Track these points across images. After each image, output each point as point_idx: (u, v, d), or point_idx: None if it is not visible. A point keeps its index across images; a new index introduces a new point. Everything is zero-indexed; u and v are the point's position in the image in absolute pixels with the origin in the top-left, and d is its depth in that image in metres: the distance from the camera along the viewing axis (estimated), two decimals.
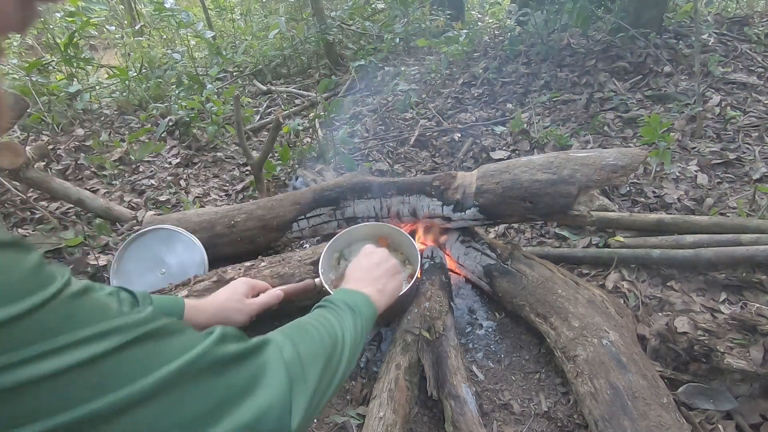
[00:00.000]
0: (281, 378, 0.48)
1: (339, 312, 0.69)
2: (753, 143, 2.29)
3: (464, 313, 1.54)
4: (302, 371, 0.52)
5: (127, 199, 2.38)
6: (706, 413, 1.12)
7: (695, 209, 1.90)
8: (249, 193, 2.49)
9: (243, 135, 2.26)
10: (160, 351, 0.40)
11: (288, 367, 0.50)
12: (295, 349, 0.53)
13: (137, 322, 0.40)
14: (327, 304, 0.71)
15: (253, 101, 3.86)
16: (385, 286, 0.86)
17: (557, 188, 1.31)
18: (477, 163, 2.58)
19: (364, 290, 0.79)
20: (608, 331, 1.18)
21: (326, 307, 0.71)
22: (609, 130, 2.61)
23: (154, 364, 0.39)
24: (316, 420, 1.21)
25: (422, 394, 1.21)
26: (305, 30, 4.41)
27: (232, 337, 0.48)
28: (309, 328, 0.60)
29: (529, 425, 1.19)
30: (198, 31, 3.52)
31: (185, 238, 1.55)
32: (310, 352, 0.55)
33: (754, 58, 2.99)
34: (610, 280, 1.59)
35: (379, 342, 1.43)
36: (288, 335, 0.56)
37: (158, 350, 0.40)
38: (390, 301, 0.86)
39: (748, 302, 1.41)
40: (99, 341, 0.36)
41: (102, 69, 4.23)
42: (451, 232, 1.63)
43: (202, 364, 0.42)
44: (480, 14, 5.43)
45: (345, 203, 1.63)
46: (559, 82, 3.18)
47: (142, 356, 0.39)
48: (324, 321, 0.64)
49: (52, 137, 2.89)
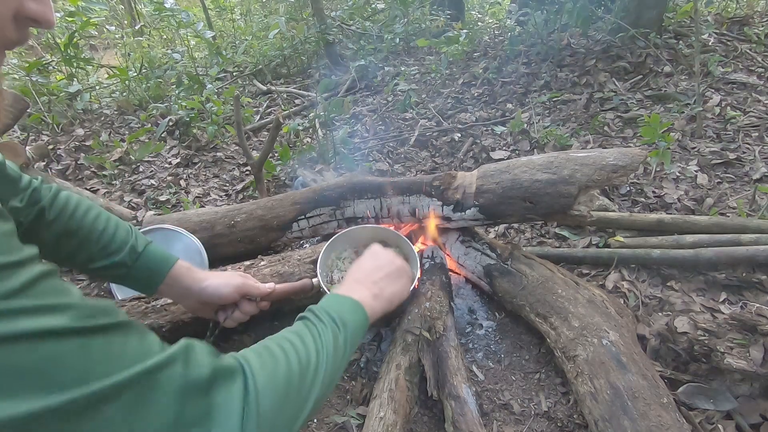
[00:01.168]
0: (234, 422, 0.44)
1: (319, 328, 0.64)
2: (753, 143, 2.29)
3: (464, 313, 1.54)
4: (257, 410, 0.47)
5: (127, 199, 2.38)
6: (706, 413, 1.12)
7: (695, 209, 1.90)
8: (249, 193, 2.49)
9: (243, 135, 2.26)
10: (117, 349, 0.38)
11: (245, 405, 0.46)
12: (254, 381, 0.49)
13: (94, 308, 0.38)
14: (309, 316, 0.68)
15: (253, 101, 3.86)
16: (383, 291, 0.83)
17: (557, 188, 1.31)
18: (477, 163, 2.58)
19: (356, 295, 0.76)
20: (608, 331, 1.18)
21: (307, 319, 0.67)
22: (609, 130, 2.61)
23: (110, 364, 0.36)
24: (315, 420, 1.21)
25: (422, 395, 1.21)
26: (305, 30, 4.41)
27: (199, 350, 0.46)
28: (276, 351, 0.56)
29: (529, 425, 1.19)
30: (198, 31, 3.52)
31: (185, 238, 1.55)
32: (272, 381, 0.51)
33: (754, 58, 2.99)
34: (610, 280, 1.59)
35: (379, 342, 1.43)
36: (248, 360, 0.51)
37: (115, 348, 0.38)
38: (388, 306, 0.83)
39: (748, 302, 1.41)
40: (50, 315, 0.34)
41: (102, 69, 4.23)
42: (451, 232, 1.63)
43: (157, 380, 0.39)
44: (480, 14, 5.43)
45: (345, 203, 1.63)
46: (559, 82, 3.18)
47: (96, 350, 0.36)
48: (296, 342, 0.60)
49: (52, 137, 2.89)
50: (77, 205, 0.83)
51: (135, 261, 0.84)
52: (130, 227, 0.88)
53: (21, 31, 0.43)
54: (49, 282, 0.38)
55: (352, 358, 1.35)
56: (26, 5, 0.42)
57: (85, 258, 0.82)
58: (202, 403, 0.42)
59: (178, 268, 0.88)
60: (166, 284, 0.86)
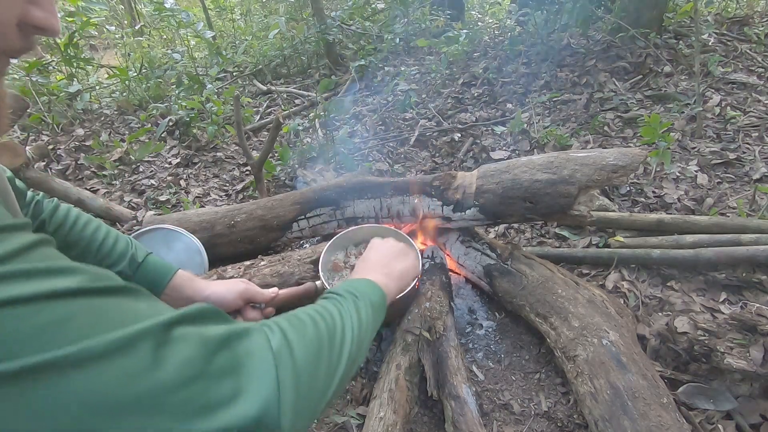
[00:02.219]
0: (267, 368, 0.42)
1: (339, 300, 0.64)
2: (753, 143, 2.29)
3: (464, 313, 1.54)
4: (292, 361, 0.45)
5: (127, 199, 2.38)
6: (706, 413, 1.12)
7: (695, 209, 1.90)
8: (249, 193, 2.49)
9: (243, 135, 2.26)
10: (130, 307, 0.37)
11: (276, 356, 0.44)
12: (284, 336, 0.47)
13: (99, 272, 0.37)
14: (328, 296, 0.67)
15: (253, 101, 3.86)
16: (393, 270, 0.84)
17: (557, 188, 1.31)
18: (477, 163, 2.58)
19: (369, 276, 0.76)
20: (608, 331, 1.18)
21: (327, 298, 0.66)
22: (609, 130, 2.61)
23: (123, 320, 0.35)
24: (316, 420, 1.21)
25: (422, 395, 1.21)
26: (305, 30, 4.41)
27: (213, 315, 0.44)
28: (301, 316, 0.55)
29: (529, 425, 1.19)
30: (198, 31, 3.52)
31: (185, 238, 1.55)
32: (302, 338, 0.49)
33: (754, 58, 2.99)
34: (610, 280, 1.59)
35: (379, 342, 1.43)
36: (276, 322, 0.50)
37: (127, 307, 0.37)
38: (401, 284, 0.83)
39: (748, 302, 1.41)
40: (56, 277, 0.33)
41: (102, 69, 4.24)
42: (451, 232, 1.63)
43: (172, 334, 0.37)
44: (480, 14, 5.42)
45: (345, 203, 1.63)
46: (559, 82, 3.18)
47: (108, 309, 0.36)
48: (320, 309, 0.59)
49: (52, 137, 2.89)
50: (77, 218, 0.83)
51: (135, 271, 0.84)
52: (130, 239, 0.88)
53: (26, 38, 0.43)
54: (48, 249, 0.37)
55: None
56: (30, 12, 0.42)
57: None
58: (227, 354, 0.40)
59: (179, 277, 0.87)
60: (167, 295, 0.86)
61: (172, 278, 0.86)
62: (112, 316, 0.35)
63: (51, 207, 0.81)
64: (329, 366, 0.52)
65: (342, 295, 0.66)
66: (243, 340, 0.43)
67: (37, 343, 0.30)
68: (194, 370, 0.37)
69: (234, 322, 0.46)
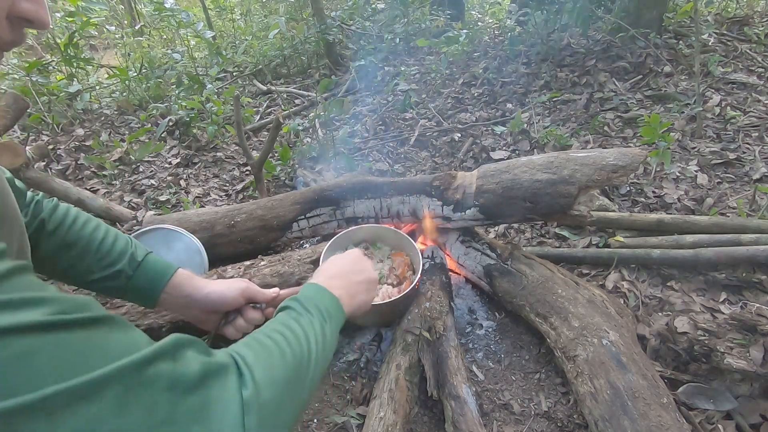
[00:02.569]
0: (235, 416, 0.42)
1: (307, 318, 0.62)
2: (753, 143, 2.29)
3: (464, 313, 1.54)
4: (258, 406, 0.45)
5: (127, 199, 2.38)
6: (706, 413, 1.12)
7: (695, 209, 1.90)
8: (249, 193, 2.49)
9: (243, 135, 2.26)
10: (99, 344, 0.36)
11: (246, 403, 0.44)
12: (253, 378, 0.47)
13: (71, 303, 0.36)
14: (295, 306, 0.65)
15: (253, 101, 3.86)
16: (357, 296, 0.80)
17: (557, 188, 1.31)
18: (477, 163, 2.58)
19: (336, 291, 0.73)
20: (608, 331, 1.18)
21: (293, 310, 0.64)
22: (609, 130, 2.61)
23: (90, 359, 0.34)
24: (316, 420, 1.21)
25: (422, 395, 1.21)
26: (305, 30, 4.41)
27: (188, 344, 0.44)
28: (269, 346, 0.53)
29: (529, 425, 1.19)
30: (198, 31, 3.52)
31: (185, 238, 1.55)
32: (271, 379, 0.49)
33: (754, 58, 2.99)
34: (610, 280, 1.59)
35: (379, 342, 1.43)
36: (244, 359, 0.49)
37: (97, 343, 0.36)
38: (355, 313, 0.79)
39: (748, 302, 1.41)
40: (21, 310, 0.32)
41: (102, 69, 4.23)
42: (451, 232, 1.63)
43: (143, 376, 0.36)
44: (480, 14, 5.43)
45: (345, 203, 1.63)
46: (559, 82, 3.18)
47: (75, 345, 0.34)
48: (289, 334, 0.57)
49: (52, 137, 2.89)
50: (76, 217, 0.83)
51: (135, 270, 0.83)
52: (129, 238, 0.87)
53: (15, 31, 0.43)
54: (22, 277, 0.36)
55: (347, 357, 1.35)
56: (19, 5, 0.42)
57: (85, 269, 0.81)
58: (197, 399, 0.40)
59: (179, 276, 0.87)
60: (167, 293, 0.85)
61: (172, 277, 0.86)
62: (78, 353, 0.34)
63: (50, 206, 0.81)
64: (297, 392, 0.52)
65: (310, 312, 0.64)
66: (217, 380, 0.43)
67: None
68: (160, 416, 0.36)
69: (210, 353, 0.46)
